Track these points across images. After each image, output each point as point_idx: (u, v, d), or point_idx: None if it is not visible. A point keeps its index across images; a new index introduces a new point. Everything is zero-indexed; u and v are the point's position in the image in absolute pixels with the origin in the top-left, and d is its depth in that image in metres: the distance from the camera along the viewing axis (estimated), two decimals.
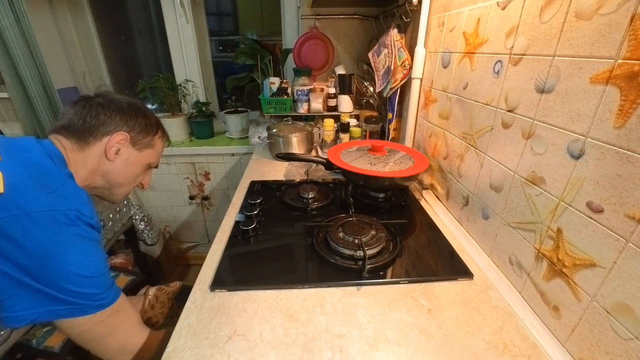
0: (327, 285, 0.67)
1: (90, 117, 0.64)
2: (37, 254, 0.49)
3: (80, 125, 0.63)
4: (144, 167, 0.73)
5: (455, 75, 0.85)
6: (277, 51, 1.83)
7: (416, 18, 1.04)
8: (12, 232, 0.47)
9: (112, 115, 0.65)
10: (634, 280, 0.40)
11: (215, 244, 0.81)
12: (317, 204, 0.99)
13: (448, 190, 0.93)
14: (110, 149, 0.65)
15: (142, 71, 1.97)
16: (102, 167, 0.65)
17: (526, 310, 0.60)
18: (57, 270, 0.50)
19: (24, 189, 0.50)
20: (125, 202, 1.67)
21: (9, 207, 0.47)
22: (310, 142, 1.43)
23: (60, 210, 0.51)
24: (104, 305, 0.56)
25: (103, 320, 0.56)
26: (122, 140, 0.66)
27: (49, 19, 1.65)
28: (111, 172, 0.67)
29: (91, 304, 0.54)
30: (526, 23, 0.58)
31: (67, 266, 0.51)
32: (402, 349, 0.54)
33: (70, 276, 0.51)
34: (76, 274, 0.51)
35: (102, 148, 0.64)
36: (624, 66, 0.40)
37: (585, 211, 0.47)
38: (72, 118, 0.63)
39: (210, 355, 0.53)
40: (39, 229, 0.49)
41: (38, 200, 0.50)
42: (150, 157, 0.74)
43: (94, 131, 0.63)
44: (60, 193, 0.53)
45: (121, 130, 0.66)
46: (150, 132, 0.72)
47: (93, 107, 0.65)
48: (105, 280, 0.57)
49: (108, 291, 0.56)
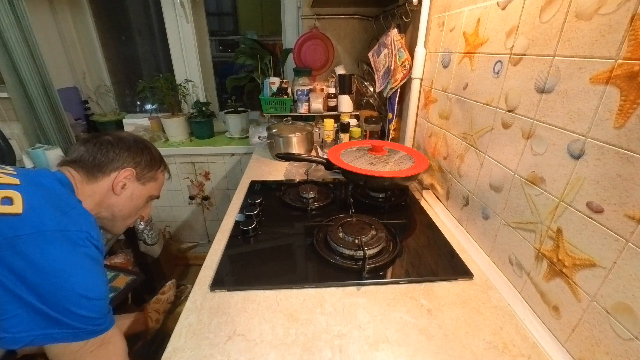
0: (327, 285, 0.67)
1: (101, 154, 0.67)
2: (49, 273, 0.50)
3: (90, 162, 0.66)
4: (146, 200, 0.77)
5: (455, 75, 0.85)
6: (277, 51, 1.83)
7: (416, 18, 1.04)
8: (27, 250, 0.49)
9: (120, 152, 0.69)
10: (634, 280, 0.40)
11: (215, 244, 0.81)
12: (317, 204, 0.99)
13: (448, 190, 0.93)
14: (117, 184, 0.68)
15: (142, 71, 1.97)
16: (108, 200, 0.69)
17: (526, 310, 0.60)
18: (64, 289, 0.51)
19: (40, 210, 0.52)
20: None
21: (26, 227, 0.50)
22: (310, 142, 1.43)
23: (73, 230, 0.53)
24: (98, 331, 0.56)
25: (93, 351, 0.56)
26: (129, 175, 0.69)
27: (49, 18, 1.65)
28: (116, 205, 0.70)
29: (87, 329, 0.54)
30: (526, 23, 0.58)
31: (73, 286, 0.52)
32: (402, 349, 0.54)
33: (74, 297, 0.52)
34: (80, 295, 0.52)
35: (110, 183, 0.68)
36: (624, 66, 0.40)
37: (585, 211, 0.47)
38: (84, 154, 0.67)
39: (210, 355, 0.53)
40: (52, 247, 0.51)
41: (53, 221, 0.52)
42: (153, 190, 0.77)
43: (103, 167, 0.67)
44: (72, 215, 0.56)
45: (128, 166, 0.70)
46: (154, 166, 0.76)
47: (104, 145, 0.68)
48: (104, 306, 0.57)
49: (104, 318, 0.57)
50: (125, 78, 1.97)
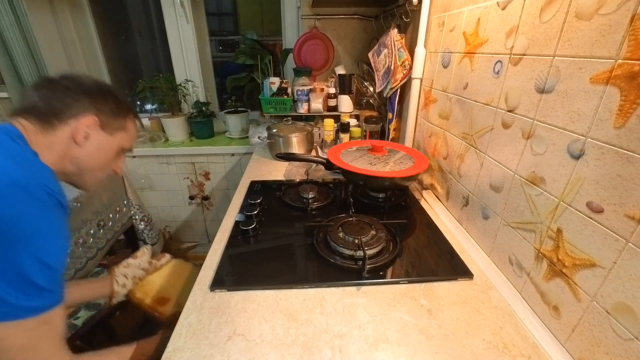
0: (327, 285, 0.67)
1: (57, 100, 0.60)
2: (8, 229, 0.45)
3: (45, 109, 0.59)
4: (116, 152, 0.69)
5: (455, 75, 0.85)
6: (277, 51, 1.83)
7: (416, 18, 1.04)
8: None
9: (79, 97, 0.61)
10: (634, 280, 0.40)
11: (215, 244, 0.81)
12: (317, 204, 0.99)
13: (448, 190, 0.93)
14: (78, 134, 0.61)
15: (142, 71, 1.97)
16: (71, 152, 0.62)
17: (526, 310, 0.60)
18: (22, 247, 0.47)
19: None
20: (125, 202, 1.67)
21: None
22: (310, 142, 1.43)
23: (32, 183, 0.49)
24: (43, 307, 0.50)
25: (32, 329, 0.50)
26: (91, 124, 0.62)
27: (49, 18, 1.65)
28: (81, 157, 0.63)
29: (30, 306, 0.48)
30: (526, 23, 0.58)
31: (32, 248, 0.47)
32: (402, 349, 0.54)
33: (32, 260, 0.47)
34: (38, 259, 0.48)
35: (69, 132, 0.60)
36: (624, 66, 0.41)
37: (585, 211, 0.47)
38: (37, 102, 0.59)
39: (210, 355, 0.53)
40: (11, 201, 0.46)
41: (6, 174, 0.47)
42: (123, 141, 0.70)
43: (60, 114, 0.59)
44: (27, 167, 0.51)
45: (89, 113, 0.62)
46: (121, 114, 0.68)
47: (59, 90, 0.61)
48: (58, 278, 0.52)
49: (54, 294, 0.51)
50: (125, 78, 1.96)
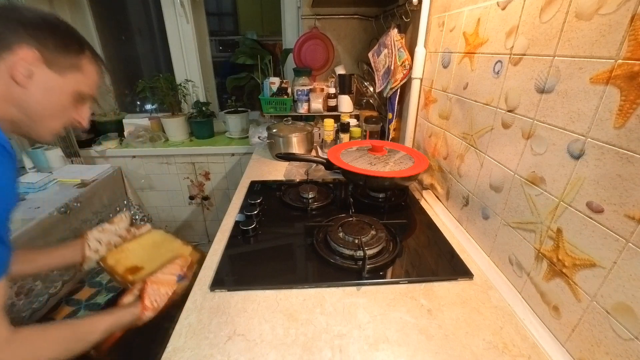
0: (327, 285, 0.67)
1: None
2: None
3: None
4: (72, 97, 0.58)
5: (455, 75, 0.85)
6: (277, 51, 1.83)
7: (416, 18, 1.04)
8: None
9: (12, 26, 0.50)
10: (634, 280, 0.40)
11: (215, 244, 0.81)
12: (317, 204, 0.99)
13: (448, 190, 0.93)
14: (17, 70, 0.50)
15: (142, 71, 1.97)
16: (13, 94, 0.52)
17: (526, 310, 0.60)
18: None
19: None
20: (125, 202, 1.67)
21: None
22: (310, 142, 1.43)
23: None
24: None
25: None
26: (31, 58, 0.51)
27: None
28: (27, 101, 0.53)
29: None
30: (526, 23, 0.58)
31: None
32: (402, 349, 0.54)
33: None
34: None
35: (5, 69, 0.50)
36: (624, 66, 0.41)
37: (585, 211, 0.47)
38: None
39: (210, 355, 0.53)
40: None
41: None
42: (80, 84, 0.58)
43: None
44: None
45: (27, 44, 0.51)
46: (72, 50, 0.56)
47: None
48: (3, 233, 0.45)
49: None
50: (125, 78, 1.97)
